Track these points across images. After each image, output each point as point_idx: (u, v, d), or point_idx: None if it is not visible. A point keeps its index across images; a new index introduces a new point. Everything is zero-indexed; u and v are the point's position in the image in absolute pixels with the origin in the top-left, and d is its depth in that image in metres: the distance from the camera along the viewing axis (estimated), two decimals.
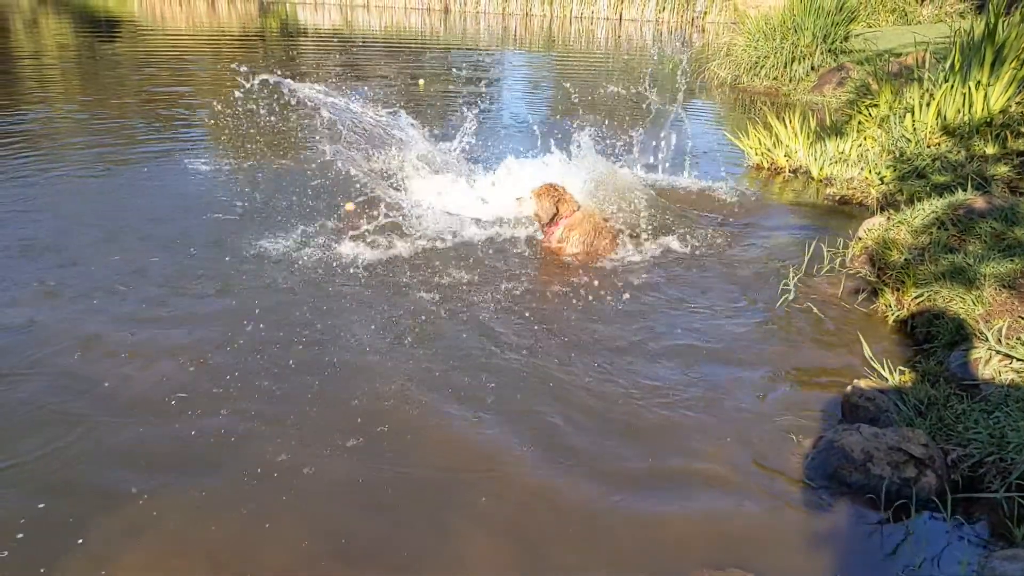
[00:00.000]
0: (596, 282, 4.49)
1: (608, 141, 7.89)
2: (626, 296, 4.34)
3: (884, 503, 2.69)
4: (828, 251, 4.83)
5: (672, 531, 2.60)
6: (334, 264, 4.53)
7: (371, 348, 3.64)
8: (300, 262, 4.53)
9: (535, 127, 7.84)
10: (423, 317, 3.96)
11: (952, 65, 6.64)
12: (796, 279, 4.47)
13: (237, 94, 5.98)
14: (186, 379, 3.31)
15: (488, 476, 2.82)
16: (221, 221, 5.15)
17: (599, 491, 2.77)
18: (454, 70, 13.72)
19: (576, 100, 10.75)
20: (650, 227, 5.20)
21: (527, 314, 4.06)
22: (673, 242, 5.14)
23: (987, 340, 3.40)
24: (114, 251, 4.59)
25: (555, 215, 4.83)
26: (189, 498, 2.61)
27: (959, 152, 6.12)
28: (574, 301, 4.25)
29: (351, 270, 4.47)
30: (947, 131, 6.43)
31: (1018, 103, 6.39)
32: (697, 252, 5.04)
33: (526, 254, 4.89)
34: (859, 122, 7.59)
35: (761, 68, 12.37)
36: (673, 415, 3.24)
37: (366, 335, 3.75)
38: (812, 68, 12.08)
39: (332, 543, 2.48)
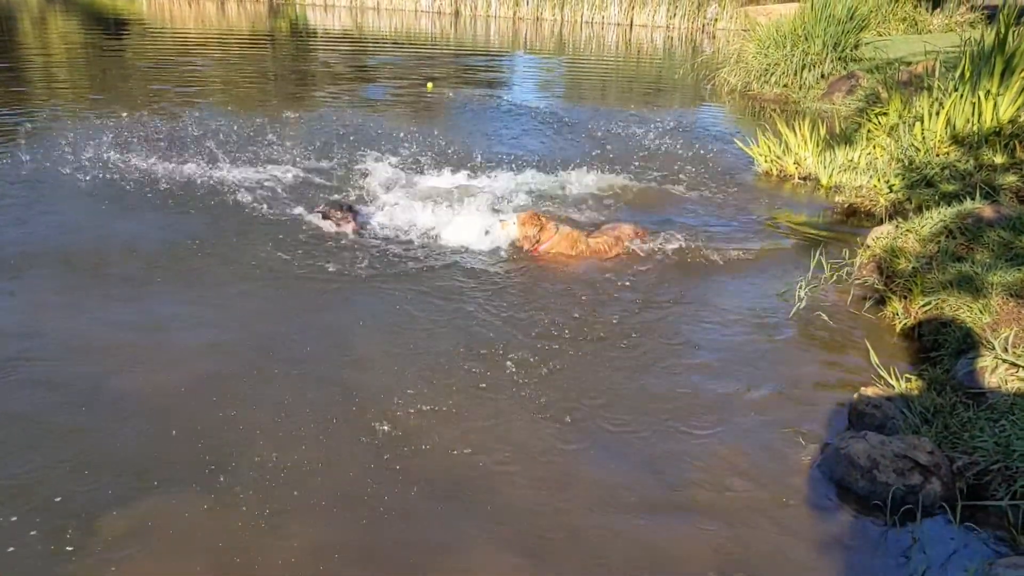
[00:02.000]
0: (603, 291, 4.51)
1: (614, 145, 7.93)
2: (635, 304, 4.36)
3: (890, 510, 2.71)
4: (836, 259, 4.83)
5: (679, 539, 2.62)
6: (338, 273, 4.55)
7: (378, 358, 3.66)
8: (305, 270, 4.56)
9: (538, 130, 7.86)
10: (426, 328, 3.98)
11: (962, 74, 6.63)
12: (806, 288, 4.48)
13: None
14: (194, 383, 3.33)
15: (497, 484, 2.85)
16: (222, 224, 5.17)
17: (606, 498, 2.79)
18: (464, 72, 13.77)
19: (583, 102, 10.78)
20: (656, 236, 5.22)
21: (528, 324, 4.09)
22: (679, 250, 5.14)
23: (994, 349, 3.41)
24: (117, 253, 4.61)
25: (537, 241, 5.05)
26: (197, 501, 2.63)
27: (968, 161, 6.12)
28: (578, 311, 4.27)
29: (353, 280, 4.49)
30: (956, 140, 6.43)
31: None
32: (705, 261, 5.04)
33: (521, 267, 4.92)
34: (868, 130, 7.59)
35: (771, 75, 12.39)
36: (680, 423, 3.26)
37: (372, 345, 3.77)
38: (822, 76, 12.08)
39: (340, 548, 2.50)
